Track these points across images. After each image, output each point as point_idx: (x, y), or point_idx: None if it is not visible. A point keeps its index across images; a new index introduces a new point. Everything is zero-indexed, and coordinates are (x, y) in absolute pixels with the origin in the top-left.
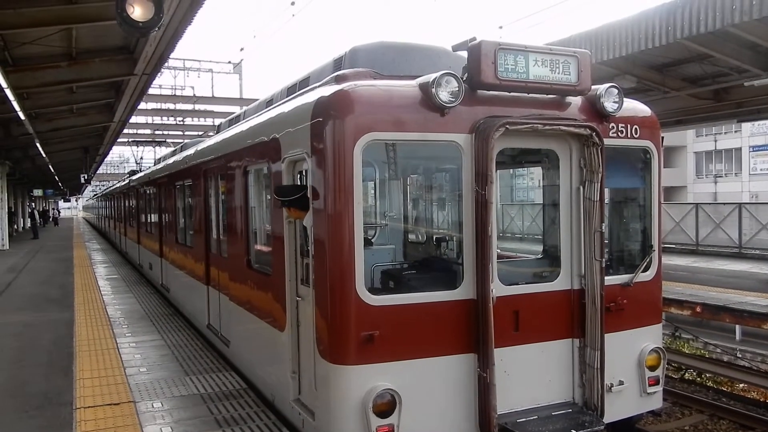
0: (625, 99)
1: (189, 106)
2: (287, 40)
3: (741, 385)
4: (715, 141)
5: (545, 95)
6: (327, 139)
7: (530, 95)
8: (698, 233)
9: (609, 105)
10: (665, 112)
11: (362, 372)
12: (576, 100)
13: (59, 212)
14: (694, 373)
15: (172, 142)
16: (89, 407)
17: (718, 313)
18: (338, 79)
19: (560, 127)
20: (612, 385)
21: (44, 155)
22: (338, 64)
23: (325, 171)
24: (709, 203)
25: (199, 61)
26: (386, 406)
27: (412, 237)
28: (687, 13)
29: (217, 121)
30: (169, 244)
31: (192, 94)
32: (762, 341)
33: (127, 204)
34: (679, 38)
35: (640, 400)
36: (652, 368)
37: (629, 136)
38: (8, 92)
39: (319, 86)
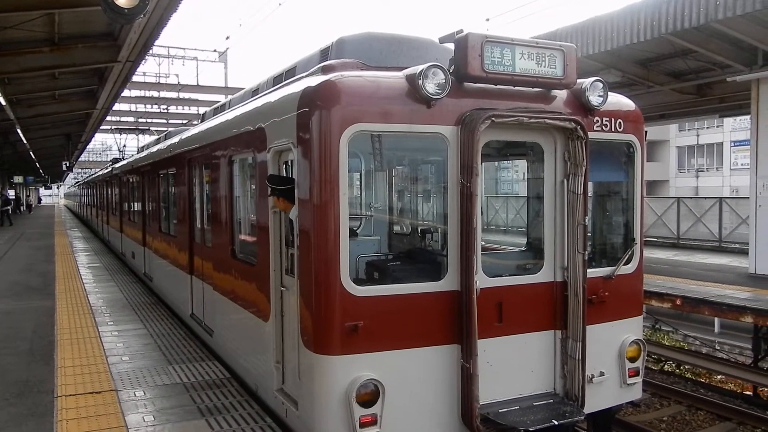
0: (609, 93)
1: (173, 94)
2: (274, 29)
3: (719, 377)
4: (698, 136)
5: (531, 88)
6: (313, 130)
7: (516, 88)
8: (680, 227)
9: (594, 99)
10: (649, 107)
11: (346, 362)
12: (561, 94)
13: (40, 199)
14: (674, 365)
15: (156, 131)
16: (71, 395)
17: (698, 305)
18: (325, 70)
19: (545, 120)
20: (593, 376)
21: (25, 142)
22: (325, 54)
23: (310, 161)
24: (691, 197)
25: (184, 48)
26: (369, 396)
27: (397, 228)
28: (672, 8)
29: (202, 110)
30: (153, 233)
31: (177, 82)
32: (740, 333)
33: (109, 192)
34: (664, 33)
35: (621, 391)
36: (633, 360)
37: (613, 129)
38: None
39: (306, 76)
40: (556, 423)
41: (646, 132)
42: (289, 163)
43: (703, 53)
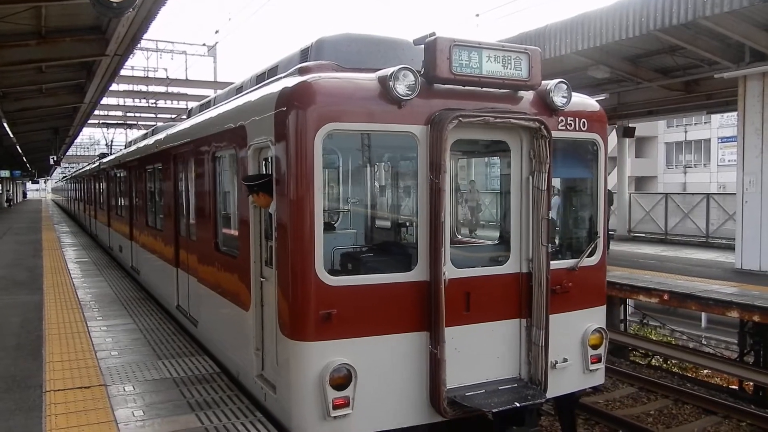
0: (574, 94)
1: (162, 89)
2: (264, 23)
3: (705, 371)
4: (686, 132)
5: (498, 89)
6: (289, 128)
7: (484, 89)
8: (667, 222)
9: (558, 100)
10: (637, 103)
11: (320, 348)
12: (528, 95)
13: (25, 194)
14: (661, 360)
15: (144, 125)
16: (59, 390)
17: (685, 300)
18: (302, 71)
19: (511, 120)
20: (556, 362)
21: (12, 136)
22: (305, 54)
23: (287, 158)
24: (678, 193)
25: (173, 42)
26: (342, 380)
27: (372, 222)
28: (660, 5)
29: (191, 104)
30: (139, 227)
31: (165, 77)
32: (726, 328)
33: (97, 187)
34: (652, 30)
35: (583, 377)
36: (595, 347)
37: (577, 129)
38: None
39: (284, 77)
40: (518, 405)
41: (633, 128)
42: (269, 160)
43: (691, 50)
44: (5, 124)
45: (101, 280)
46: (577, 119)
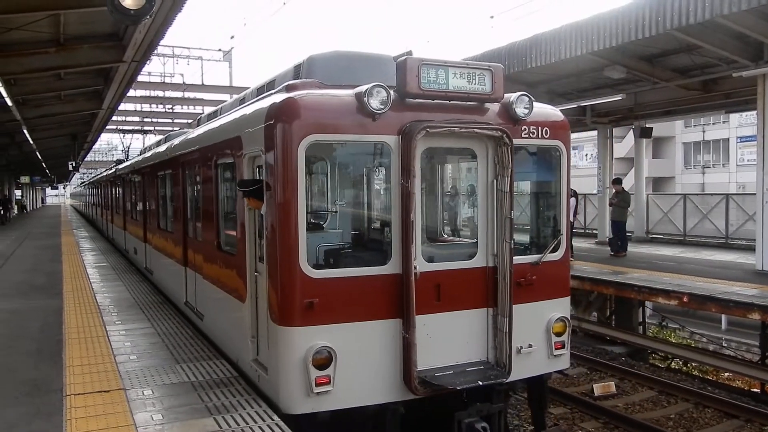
0: (538, 104)
1: (178, 94)
2: (279, 28)
3: (726, 374)
4: (704, 132)
5: (465, 102)
6: (277, 139)
7: (452, 102)
8: (686, 224)
9: (520, 111)
10: (654, 103)
11: (304, 332)
12: (494, 106)
13: (44, 200)
14: (680, 362)
15: (161, 130)
16: (79, 394)
17: (705, 303)
18: (288, 88)
19: (474, 129)
20: (521, 348)
21: (31, 142)
22: (298, 70)
23: (275, 166)
24: (697, 194)
25: (189, 48)
26: (324, 360)
27: (356, 222)
28: (677, 3)
29: (207, 109)
30: (152, 230)
31: (182, 82)
32: (747, 330)
33: (113, 192)
34: (669, 29)
35: (548, 362)
36: (559, 334)
37: (540, 136)
38: None
39: (274, 93)
40: (480, 383)
41: (650, 128)
42: (261, 167)
43: (709, 49)
44: (25, 131)
45: (119, 284)
46: (540, 128)
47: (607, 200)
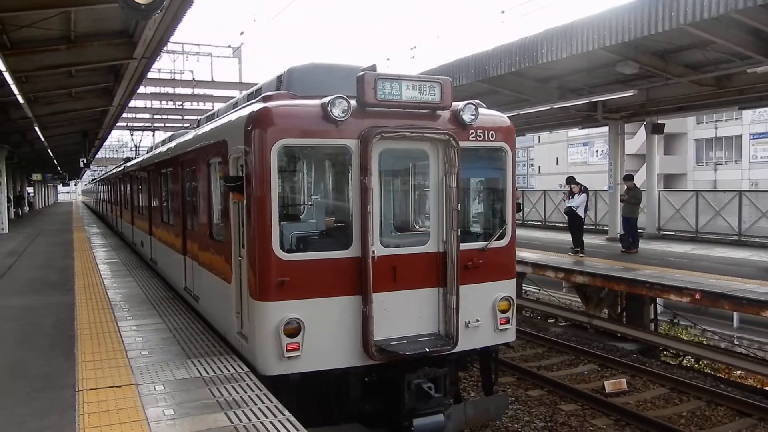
0: (485, 111)
1: (188, 90)
2: (289, 23)
3: (738, 372)
4: (716, 128)
5: (419, 110)
6: (254, 143)
7: (407, 110)
8: (698, 221)
9: (467, 117)
10: (667, 99)
11: (277, 306)
12: (446, 113)
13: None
14: (692, 360)
15: (171, 127)
16: (91, 389)
17: (718, 300)
18: (265, 99)
19: (424, 134)
20: (469, 322)
21: (43, 139)
22: (279, 80)
23: (252, 165)
24: (710, 191)
25: (198, 44)
26: (294, 330)
27: (326, 214)
28: None
29: (217, 106)
30: (156, 224)
31: (191, 78)
32: (760, 328)
33: (121, 188)
34: (682, 24)
35: (494, 335)
36: (504, 311)
37: (487, 139)
38: (7, 75)
39: (254, 103)
40: (427, 350)
41: (662, 125)
42: (243, 166)
43: (723, 44)
44: (37, 128)
45: (130, 280)
46: (486, 131)
47: (619, 196)
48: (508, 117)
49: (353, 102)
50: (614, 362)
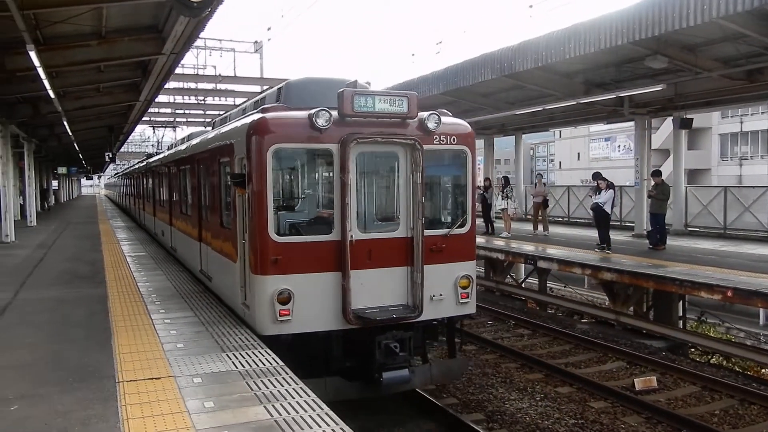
0: (448, 119)
1: (211, 86)
2: (317, 19)
3: (764, 371)
4: (741, 123)
5: (390, 119)
6: (253, 146)
7: (380, 119)
8: (726, 216)
9: (431, 125)
10: (696, 93)
11: (272, 279)
12: (414, 122)
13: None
14: (721, 358)
15: (193, 122)
16: (131, 381)
17: (750, 297)
18: (263, 110)
19: (393, 139)
20: (433, 296)
21: (70, 133)
22: (279, 92)
23: (252, 165)
24: (738, 186)
25: (221, 40)
26: (285, 299)
27: (315, 205)
28: None
29: (239, 101)
30: (176, 215)
31: (215, 74)
32: None
33: (144, 182)
34: (715, 17)
35: (457, 307)
36: (464, 288)
37: (449, 143)
38: (40, 71)
39: (255, 113)
40: (395, 316)
41: (691, 119)
42: (245, 165)
43: (755, 37)
44: (65, 122)
45: (159, 273)
46: (449, 136)
47: (645, 192)
48: (538, 110)
49: (335, 113)
50: (643, 359)
